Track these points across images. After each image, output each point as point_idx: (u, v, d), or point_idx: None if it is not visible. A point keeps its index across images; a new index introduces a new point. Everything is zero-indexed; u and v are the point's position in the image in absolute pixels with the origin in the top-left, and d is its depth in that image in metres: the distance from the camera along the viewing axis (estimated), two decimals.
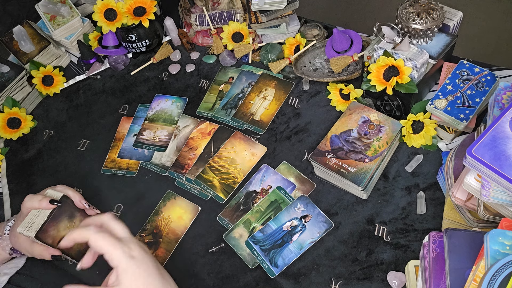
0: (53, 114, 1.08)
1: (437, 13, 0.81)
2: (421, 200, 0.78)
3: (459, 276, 0.53)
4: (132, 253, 0.59)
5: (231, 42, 1.05)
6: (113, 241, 0.58)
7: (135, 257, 0.58)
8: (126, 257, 0.57)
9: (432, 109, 0.79)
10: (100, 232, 0.59)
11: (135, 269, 0.57)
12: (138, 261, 0.58)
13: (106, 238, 0.58)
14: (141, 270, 0.58)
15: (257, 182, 0.86)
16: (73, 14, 1.14)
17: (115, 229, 0.61)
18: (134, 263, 0.58)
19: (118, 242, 0.58)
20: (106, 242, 0.58)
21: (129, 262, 0.57)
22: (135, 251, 0.59)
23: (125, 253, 0.58)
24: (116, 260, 0.57)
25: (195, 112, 0.99)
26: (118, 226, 0.62)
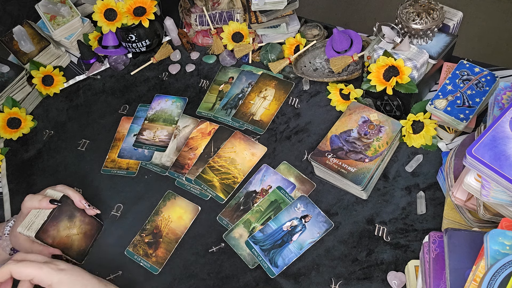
0: (53, 114, 1.08)
1: (437, 13, 0.81)
2: (421, 200, 0.78)
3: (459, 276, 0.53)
4: (60, 267, 0.59)
5: (231, 42, 1.05)
6: (36, 263, 0.58)
7: (64, 269, 0.59)
8: (55, 271, 0.58)
9: (432, 109, 0.79)
10: (19, 262, 0.59)
11: (69, 278, 0.58)
12: (69, 271, 0.59)
13: (28, 264, 0.58)
14: (75, 277, 0.59)
15: (257, 182, 0.86)
16: (73, 14, 1.14)
17: (33, 257, 0.61)
18: (66, 273, 0.58)
19: (41, 263, 0.59)
20: (30, 267, 0.58)
21: (60, 274, 0.58)
22: (62, 265, 0.60)
23: (53, 269, 0.58)
24: (47, 278, 0.58)
25: (195, 112, 0.99)
26: (34, 256, 0.62)
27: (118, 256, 0.82)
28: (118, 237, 0.85)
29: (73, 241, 0.80)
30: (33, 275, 0.57)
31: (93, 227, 0.84)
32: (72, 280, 0.58)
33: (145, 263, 0.81)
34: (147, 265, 0.80)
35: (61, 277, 0.58)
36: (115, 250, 0.83)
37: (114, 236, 0.85)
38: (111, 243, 0.84)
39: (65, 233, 0.79)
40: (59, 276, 0.58)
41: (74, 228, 0.80)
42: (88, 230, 0.83)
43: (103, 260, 0.82)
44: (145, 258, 0.81)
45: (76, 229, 0.81)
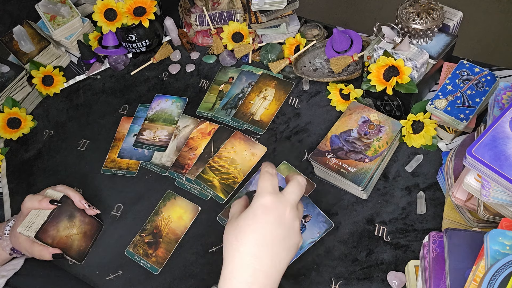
0: (53, 114, 1.08)
1: (437, 13, 0.81)
2: (421, 200, 0.78)
3: (459, 276, 0.53)
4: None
5: (231, 42, 1.05)
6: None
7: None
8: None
9: (432, 109, 0.79)
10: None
11: None
12: None
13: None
14: None
15: (257, 182, 0.86)
16: (73, 14, 1.14)
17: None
18: None
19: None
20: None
21: None
22: None
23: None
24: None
25: (195, 112, 0.99)
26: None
27: (118, 256, 0.82)
28: (118, 237, 0.85)
29: (73, 241, 0.80)
30: None
31: (93, 227, 0.84)
32: None
33: (145, 263, 0.81)
34: (147, 265, 0.80)
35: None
36: (115, 250, 0.83)
37: (114, 236, 0.85)
38: (111, 243, 0.84)
39: (65, 233, 0.79)
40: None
41: (74, 228, 0.80)
42: (88, 230, 0.83)
43: (103, 260, 0.82)
44: (145, 258, 0.81)
45: (76, 229, 0.81)
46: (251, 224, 0.56)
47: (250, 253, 0.55)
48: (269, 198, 0.57)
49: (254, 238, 0.55)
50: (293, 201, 0.59)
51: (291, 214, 0.58)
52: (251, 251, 0.55)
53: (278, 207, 0.57)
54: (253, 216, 0.56)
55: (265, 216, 0.56)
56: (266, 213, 0.56)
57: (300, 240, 0.60)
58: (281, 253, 0.56)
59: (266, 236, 0.55)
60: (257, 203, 0.57)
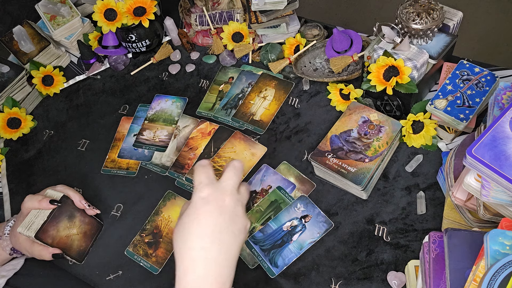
0: (53, 114, 1.08)
1: (437, 13, 0.81)
2: (421, 200, 0.78)
3: (459, 276, 0.53)
4: None
5: (231, 42, 1.05)
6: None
7: None
8: None
9: (432, 109, 0.79)
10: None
11: None
12: None
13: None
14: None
15: (257, 182, 0.86)
16: (73, 14, 1.14)
17: None
18: None
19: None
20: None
21: None
22: None
23: None
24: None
25: (195, 112, 0.99)
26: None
27: (118, 256, 0.82)
28: (118, 237, 0.85)
29: (73, 241, 0.80)
30: None
31: (93, 227, 0.84)
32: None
33: (145, 263, 0.81)
34: (147, 265, 0.80)
35: None
36: (115, 250, 0.83)
37: (114, 236, 0.85)
38: (111, 243, 0.84)
39: (65, 233, 0.79)
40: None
41: (74, 228, 0.80)
42: (88, 230, 0.83)
43: (103, 260, 0.82)
44: (145, 258, 0.81)
45: (76, 229, 0.81)
46: (193, 218, 0.57)
47: (198, 247, 0.55)
48: (205, 189, 0.58)
49: (198, 231, 0.56)
50: (230, 187, 0.60)
51: (231, 200, 0.59)
52: (198, 244, 0.55)
53: (216, 196, 0.58)
54: (194, 211, 0.57)
55: (205, 207, 0.57)
56: (205, 205, 0.57)
57: (247, 222, 0.60)
58: (228, 239, 0.57)
59: (209, 227, 0.56)
60: (195, 197, 0.58)
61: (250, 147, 0.91)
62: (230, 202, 0.59)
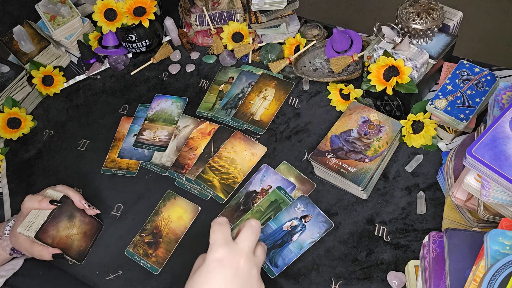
0: (53, 114, 1.08)
1: (437, 13, 0.81)
2: (421, 200, 0.78)
3: (459, 276, 0.53)
4: None
5: (231, 42, 1.05)
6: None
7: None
8: None
9: (432, 109, 0.79)
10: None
11: None
12: None
13: None
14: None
15: (257, 182, 0.86)
16: (73, 14, 1.14)
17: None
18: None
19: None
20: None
21: None
22: None
23: None
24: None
25: (195, 112, 0.99)
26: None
27: (118, 256, 0.82)
28: (118, 237, 0.85)
29: (73, 241, 0.80)
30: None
31: (93, 227, 0.84)
32: None
33: (145, 263, 0.81)
34: (147, 265, 0.80)
35: None
36: (115, 250, 0.83)
37: (114, 236, 0.85)
38: (111, 243, 0.84)
39: (65, 233, 0.79)
40: None
41: (74, 228, 0.80)
42: (88, 230, 0.83)
43: (103, 260, 0.82)
44: (145, 258, 0.81)
45: (76, 229, 0.81)
46: (206, 281, 0.55)
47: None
48: (221, 250, 0.56)
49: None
50: (247, 249, 0.58)
51: (247, 263, 0.57)
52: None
53: (232, 259, 0.56)
54: (207, 272, 0.55)
55: (220, 270, 0.55)
56: (220, 267, 0.55)
57: (261, 286, 0.58)
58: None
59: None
60: (210, 258, 0.56)
61: (250, 147, 0.91)
62: (245, 265, 0.56)
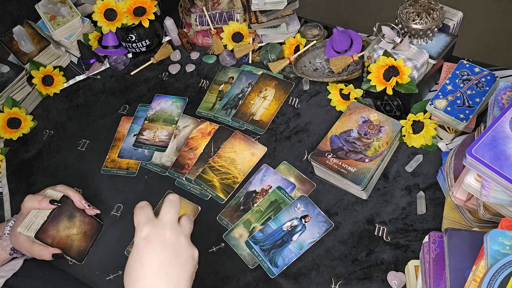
0: (53, 114, 1.08)
1: (437, 13, 0.81)
2: (421, 200, 0.78)
3: (459, 276, 0.53)
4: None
5: (231, 42, 1.05)
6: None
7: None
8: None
9: (432, 109, 0.79)
10: None
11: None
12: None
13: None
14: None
15: (257, 182, 0.86)
16: (73, 14, 1.14)
17: None
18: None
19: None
20: None
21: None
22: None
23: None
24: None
25: (195, 112, 0.99)
26: None
27: (118, 256, 0.82)
28: (118, 237, 0.85)
29: (73, 241, 0.80)
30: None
31: (93, 227, 0.84)
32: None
33: None
34: None
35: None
36: (115, 250, 0.83)
37: (114, 236, 0.85)
38: (111, 243, 0.84)
39: (65, 233, 0.79)
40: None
41: (74, 228, 0.80)
42: (88, 230, 0.83)
43: (103, 260, 0.82)
44: None
45: (76, 229, 0.81)
46: (138, 259, 0.58)
47: (147, 286, 0.56)
48: (145, 229, 0.60)
49: (144, 272, 0.57)
50: (169, 220, 0.61)
51: (172, 233, 0.60)
52: (146, 284, 0.56)
53: (157, 233, 0.59)
54: (137, 252, 0.59)
55: (148, 246, 0.58)
56: (148, 244, 0.59)
57: (193, 251, 0.61)
58: (176, 272, 0.58)
59: (154, 265, 0.57)
60: (137, 239, 0.60)
61: (250, 147, 0.91)
62: (171, 235, 0.60)
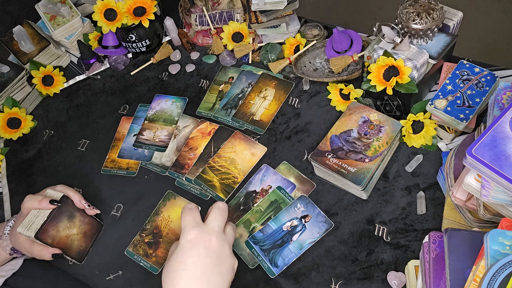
0: (53, 114, 1.08)
1: (437, 13, 0.81)
2: (421, 200, 0.78)
3: (459, 276, 0.53)
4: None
5: (231, 42, 1.05)
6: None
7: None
8: None
9: (432, 109, 0.79)
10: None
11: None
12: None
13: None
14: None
15: (257, 182, 0.86)
16: (73, 14, 1.14)
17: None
18: None
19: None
20: None
21: None
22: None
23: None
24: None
25: (195, 112, 0.99)
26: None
27: (118, 256, 0.82)
28: (118, 237, 0.85)
29: (73, 241, 0.80)
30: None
31: (93, 227, 0.84)
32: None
33: (145, 263, 0.81)
34: (147, 265, 0.80)
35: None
36: (115, 250, 0.83)
37: (114, 236, 0.85)
38: (111, 243, 0.84)
39: (65, 233, 0.79)
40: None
41: (74, 228, 0.80)
42: (88, 230, 0.83)
43: (103, 260, 0.82)
44: (145, 258, 0.81)
45: (76, 229, 0.81)
46: (181, 261, 0.59)
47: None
48: (193, 232, 0.61)
49: (187, 274, 0.58)
50: (217, 228, 0.62)
51: (218, 241, 0.61)
52: (187, 286, 0.57)
53: (203, 238, 0.60)
54: (182, 254, 0.59)
55: (193, 250, 0.59)
56: (194, 247, 0.60)
57: (234, 261, 0.63)
58: (216, 280, 0.59)
59: (197, 269, 0.58)
60: (183, 240, 0.60)
61: (250, 147, 0.91)
62: (217, 242, 0.61)
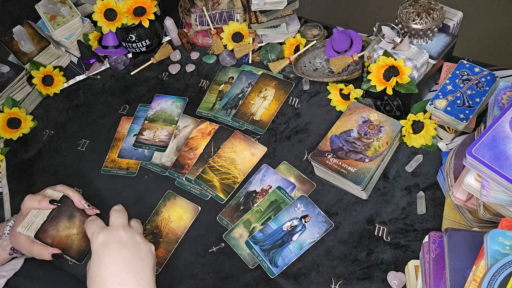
0: (53, 114, 1.08)
1: (437, 13, 0.81)
2: (421, 200, 0.78)
3: (459, 276, 0.53)
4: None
5: (231, 42, 1.05)
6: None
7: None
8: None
9: (432, 109, 0.79)
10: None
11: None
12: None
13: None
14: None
15: (257, 182, 0.86)
16: (73, 14, 1.14)
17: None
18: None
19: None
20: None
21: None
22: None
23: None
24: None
25: (195, 112, 0.99)
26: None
27: None
28: None
29: (73, 241, 0.80)
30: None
31: None
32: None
33: None
34: None
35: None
36: None
37: None
38: None
39: (65, 233, 0.79)
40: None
41: (73, 228, 0.80)
42: None
43: None
44: None
45: (76, 229, 0.81)
46: (100, 263, 0.63)
47: (114, 285, 0.60)
48: (100, 235, 0.66)
49: (110, 272, 0.61)
50: (120, 224, 0.68)
51: (127, 233, 0.66)
52: (114, 282, 0.60)
53: (112, 236, 0.66)
54: (98, 257, 0.64)
55: (107, 249, 0.64)
56: (106, 247, 0.64)
57: (150, 246, 0.68)
58: (139, 266, 0.64)
59: (117, 263, 0.62)
60: (94, 245, 0.66)
61: (250, 147, 0.91)
62: (126, 234, 0.65)
